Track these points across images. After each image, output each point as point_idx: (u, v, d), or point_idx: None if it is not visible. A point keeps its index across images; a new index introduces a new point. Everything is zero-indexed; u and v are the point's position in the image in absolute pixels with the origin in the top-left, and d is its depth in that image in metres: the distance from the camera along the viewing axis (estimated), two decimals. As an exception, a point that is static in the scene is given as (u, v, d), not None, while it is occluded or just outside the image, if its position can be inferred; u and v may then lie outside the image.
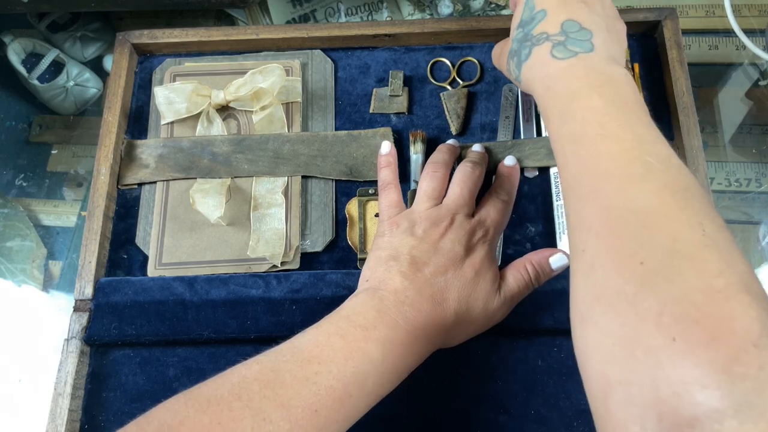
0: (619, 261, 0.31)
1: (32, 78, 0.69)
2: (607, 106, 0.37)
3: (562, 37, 0.42)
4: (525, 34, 0.44)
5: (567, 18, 0.42)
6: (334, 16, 0.71)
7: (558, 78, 0.41)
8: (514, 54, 0.45)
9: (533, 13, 0.44)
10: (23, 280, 0.64)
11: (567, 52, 0.41)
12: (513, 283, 0.46)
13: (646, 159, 0.34)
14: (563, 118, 0.39)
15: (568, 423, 0.47)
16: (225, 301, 0.50)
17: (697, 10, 0.69)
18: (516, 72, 0.45)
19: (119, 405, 0.49)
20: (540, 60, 0.42)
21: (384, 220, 0.48)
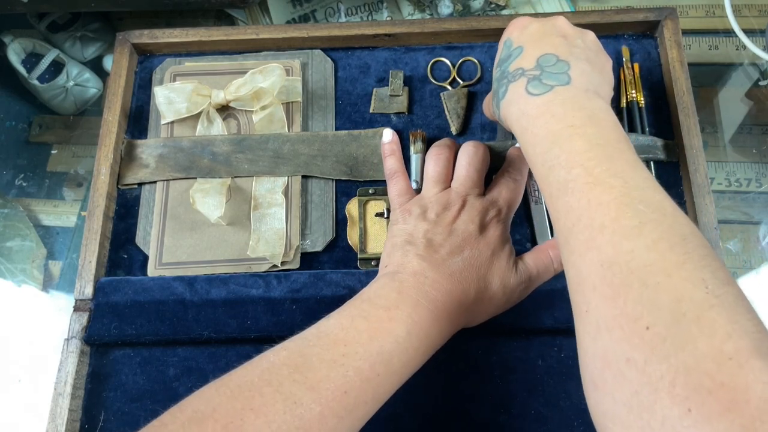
0: (624, 325, 0.30)
1: (32, 78, 0.69)
2: (592, 148, 0.36)
3: (537, 72, 0.41)
4: (502, 72, 0.44)
5: (543, 53, 0.42)
6: (334, 16, 0.71)
7: (535, 117, 0.39)
8: (495, 94, 0.45)
9: (510, 50, 0.44)
10: (23, 280, 0.64)
11: (542, 87, 0.40)
12: (531, 263, 0.46)
13: (638, 208, 0.33)
14: (547, 163, 0.37)
15: (568, 423, 0.47)
16: (225, 300, 0.50)
17: (697, 10, 0.69)
18: (497, 112, 0.44)
19: (119, 405, 0.49)
20: (516, 96, 0.41)
21: (396, 208, 0.49)
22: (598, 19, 0.58)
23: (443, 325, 0.41)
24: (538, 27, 0.44)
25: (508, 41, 0.45)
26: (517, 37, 0.44)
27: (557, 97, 0.39)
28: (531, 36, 0.44)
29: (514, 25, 0.46)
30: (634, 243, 0.32)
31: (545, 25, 0.45)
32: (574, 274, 0.35)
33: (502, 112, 0.43)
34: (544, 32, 0.44)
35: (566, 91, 0.39)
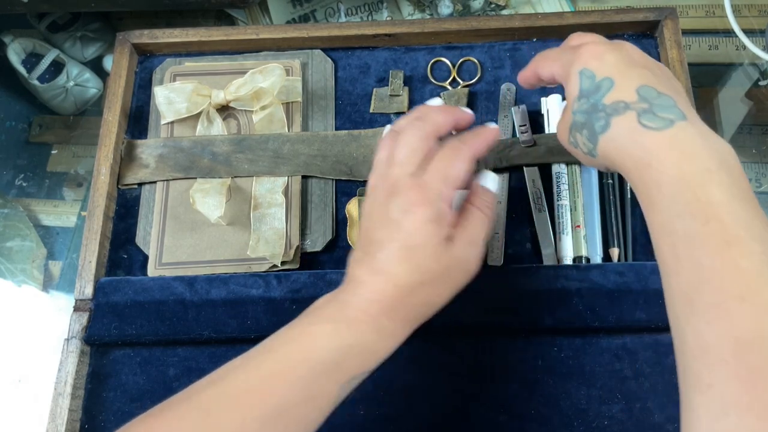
0: (761, 415, 0.28)
1: (32, 78, 0.69)
2: (730, 201, 0.33)
3: (645, 105, 0.37)
4: (593, 105, 0.39)
5: (640, 84, 0.38)
6: (334, 16, 0.71)
7: (662, 154, 0.35)
8: (582, 126, 0.40)
9: (596, 82, 0.39)
10: (23, 280, 0.64)
11: (660, 121, 0.36)
12: (468, 227, 0.41)
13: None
14: (674, 209, 0.34)
15: (568, 423, 0.47)
16: (225, 300, 0.50)
17: (697, 10, 0.69)
18: (589, 146, 0.40)
19: (119, 405, 0.49)
20: (626, 130, 0.37)
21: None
22: (598, 19, 0.58)
23: (379, 323, 0.38)
24: (617, 56, 0.40)
25: (586, 72, 0.40)
26: (597, 68, 0.40)
27: (683, 134, 0.35)
28: (614, 66, 0.40)
29: (588, 53, 0.41)
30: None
31: (622, 52, 0.40)
32: (694, 339, 0.32)
33: (602, 147, 0.39)
34: (627, 62, 0.40)
35: (690, 127, 0.36)
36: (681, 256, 0.33)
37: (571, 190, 0.53)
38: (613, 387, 0.47)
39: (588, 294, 0.48)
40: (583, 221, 0.52)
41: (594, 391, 0.47)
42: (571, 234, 0.52)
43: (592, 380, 0.48)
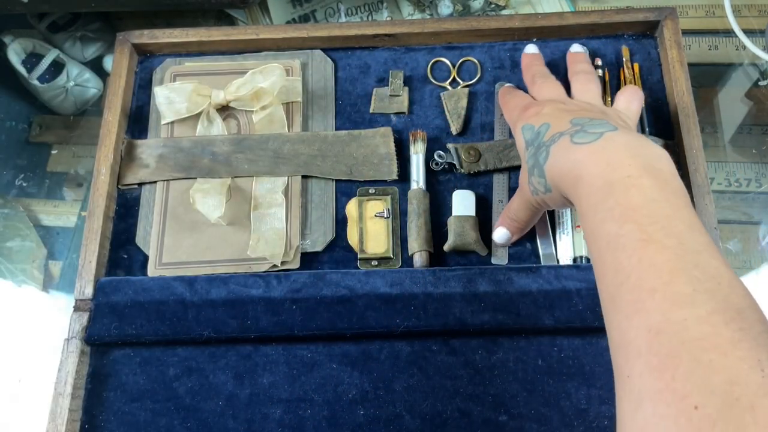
0: (671, 402, 0.28)
1: (32, 78, 0.69)
2: (648, 203, 0.34)
3: (578, 128, 0.40)
4: (537, 147, 0.43)
5: (573, 116, 0.42)
6: (334, 16, 0.71)
7: (588, 164, 0.37)
8: (533, 168, 0.43)
9: (535, 130, 0.44)
10: (23, 280, 0.64)
11: (590, 136, 0.38)
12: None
13: (693, 273, 0.31)
14: (599, 215, 0.36)
15: (568, 423, 0.47)
16: (225, 300, 0.50)
17: (697, 10, 0.69)
18: (541, 181, 0.42)
19: (119, 405, 0.49)
20: (562, 151, 0.40)
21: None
22: (598, 19, 0.58)
23: None
24: (552, 107, 0.45)
25: (527, 126, 0.45)
26: (536, 120, 0.45)
27: (609, 144, 0.37)
28: (549, 114, 0.44)
29: (527, 113, 0.46)
30: (686, 312, 0.30)
31: (559, 105, 0.45)
32: (618, 335, 0.33)
33: (548, 175, 0.41)
34: (561, 108, 0.44)
35: (617, 136, 0.38)
36: (605, 259, 0.35)
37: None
38: (613, 387, 0.47)
39: (588, 294, 0.48)
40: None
41: (594, 391, 0.47)
42: (572, 234, 0.52)
43: (592, 380, 0.48)
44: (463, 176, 0.55)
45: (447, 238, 0.52)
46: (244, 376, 0.49)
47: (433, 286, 0.49)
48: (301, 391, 0.49)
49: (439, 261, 0.53)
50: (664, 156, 0.37)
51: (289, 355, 0.50)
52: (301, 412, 0.48)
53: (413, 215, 0.52)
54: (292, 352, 0.50)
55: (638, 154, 0.37)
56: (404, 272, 0.50)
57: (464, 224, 0.52)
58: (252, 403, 0.48)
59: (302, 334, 0.49)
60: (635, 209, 0.34)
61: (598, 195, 0.36)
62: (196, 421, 0.48)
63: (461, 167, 0.54)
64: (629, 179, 0.35)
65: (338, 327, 0.49)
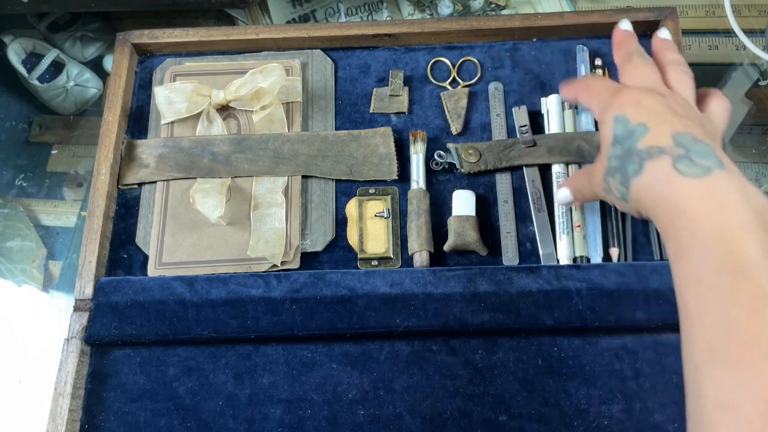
0: None
1: (32, 78, 0.69)
2: (764, 258, 0.32)
3: (681, 150, 0.36)
4: (626, 150, 0.39)
5: (675, 130, 0.37)
6: (334, 16, 0.71)
7: (696, 201, 0.35)
8: (616, 171, 0.40)
9: (629, 127, 0.39)
10: (23, 280, 0.64)
11: (696, 168, 0.35)
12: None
13: None
14: (707, 260, 0.33)
15: (568, 423, 0.47)
16: (225, 300, 0.50)
17: (697, 10, 0.69)
18: (622, 190, 0.40)
19: (119, 405, 0.49)
20: (660, 174, 0.36)
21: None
22: (598, 19, 0.58)
23: None
24: (654, 102, 0.40)
25: (621, 118, 0.40)
26: (632, 114, 0.40)
27: (720, 184, 0.35)
28: (650, 112, 0.39)
29: (625, 98, 0.41)
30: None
31: (659, 99, 0.40)
32: (716, 392, 0.31)
33: (635, 191, 0.39)
34: (664, 108, 0.39)
35: (727, 177, 0.35)
36: (708, 307, 0.33)
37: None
38: (613, 387, 0.47)
39: (588, 294, 0.48)
40: (583, 221, 0.52)
41: (594, 391, 0.47)
42: (572, 234, 0.52)
43: (592, 380, 0.48)
44: (463, 176, 0.55)
45: (447, 238, 0.52)
46: (244, 376, 0.49)
47: (433, 286, 0.49)
48: (301, 391, 0.49)
49: (439, 261, 0.53)
50: (766, 202, 0.35)
51: (289, 355, 0.50)
52: (301, 412, 0.48)
53: (413, 215, 0.52)
54: (292, 352, 0.50)
55: (750, 200, 0.34)
56: (404, 272, 0.50)
57: (464, 224, 0.52)
58: (252, 403, 0.48)
59: (302, 334, 0.49)
60: (751, 263, 0.32)
61: (707, 238, 0.34)
62: (196, 421, 0.48)
63: (461, 167, 0.54)
64: (743, 228, 0.33)
65: (338, 327, 0.49)
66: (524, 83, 0.58)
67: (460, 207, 0.53)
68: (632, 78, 0.44)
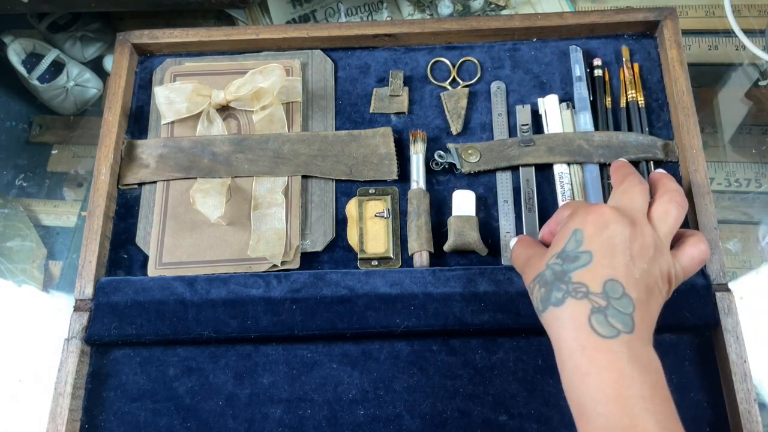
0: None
1: (32, 78, 0.69)
2: (660, 429, 0.36)
3: (603, 301, 0.39)
4: (563, 271, 0.40)
5: (610, 277, 0.39)
6: (334, 17, 0.71)
7: (600, 365, 0.38)
8: (544, 284, 0.41)
9: (578, 251, 0.41)
10: (23, 280, 0.64)
11: (608, 328, 0.38)
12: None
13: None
14: (609, 428, 0.36)
15: (568, 423, 0.47)
16: (225, 300, 0.50)
17: (697, 10, 0.69)
18: (540, 305, 0.42)
19: (119, 405, 0.49)
20: (574, 320, 0.39)
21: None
22: (598, 19, 0.58)
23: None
24: (619, 233, 0.40)
25: (578, 233, 0.41)
26: (589, 235, 0.41)
27: (623, 349, 0.37)
28: (606, 243, 0.40)
29: (595, 215, 0.41)
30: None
31: (626, 232, 0.41)
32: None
33: (548, 316, 0.41)
34: (623, 243, 0.40)
35: (631, 342, 0.38)
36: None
37: (574, 191, 0.53)
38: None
39: (588, 294, 0.48)
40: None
41: (594, 391, 0.47)
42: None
43: (592, 380, 0.48)
44: (463, 176, 0.55)
45: (447, 238, 0.52)
46: (244, 376, 0.49)
47: (433, 286, 0.49)
48: (301, 391, 0.49)
49: (439, 261, 0.53)
50: (659, 364, 0.39)
51: (289, 355, 0.50)
52: (301, 412, 0.48)
53: (413, 215, 0.52)
54: (292, 352, 0.50)
55: (648, 368, 0.37)
56: (404, 272, 0.50)
57: (464, 224, 0.52)
58: (252, 403, 0.48)
59: (302, 334, 0.49)
60: (637, 419, 0.35)
61: (609, 406, 0.36)
62: (196, 421, 0.48)
63: (461, 167, 0.54)
64: (642, 401, 0.36)
65: (338, 327, 0.49)
66: (524, 83, 0.58)
67: (460, 207, 0.53)
68: (618, 197, 0.44)
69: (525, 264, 0.45)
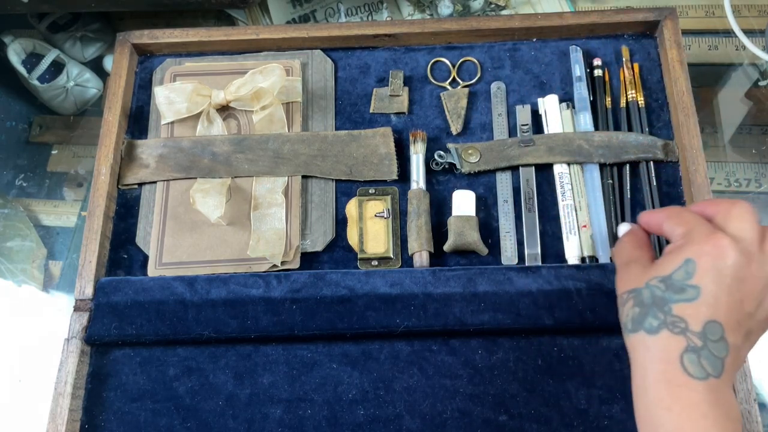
0: None
1: (32, 78, 0.69)
2: None
3: (700, 342, 0.37)
4: (663, 299, 0.38)
5: (713, 318, 0.37)
6: (334, 17, 0.71)
7: (680, 398, 0.37)
8: (640, 304, 0.40)
9: (686, 284, 0.38)
10: (23, 280, 0.64)
11: (698, 369, 0.37)
12: None
13: None
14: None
15: (568, 423, 0.47)
16: (225, 300, 0.50)
17: (697, 10, 0.69)
18: (629, 324, 0.40)
19: (119, 405, 0.49)
20: (665, 352, 0.38)
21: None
22: (598, 19, 0.58)
23: None
24: (733, 270, 0.38)
25: (690, 265, 0.38)
26: (703, 268, 0.38)
27: (710, 393, 0.37)
28: (718, 279, 0.38)
29: (714, 246, 0.38)
30: None
31: (740, 270, 0.38)
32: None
33: (635, 340, 0.39)
34: (734, 281, 0.38)
35: (718, 386, 0.37)
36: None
37: (574, 190, 0.53)
38: (613, 387, 0.47)
39: (588, 294, 0.48)
40: (590, 221, 0.52)
41: (594, 391, 0.47)
42: (578, 234, 0.52)
43: (592, 380, 0.48)
44: (463, 176, 0.55)
45: (447, 238, 0.52)
46: (244, 376, 0.49)
47: (433, 286, 0.49)
48: (301, 391, 0.49)
49: (439, 261, 0.53)
50: (740, 416, 0.38)
51: (289, 355, 0.50)
52: (301, 412, 0.48)
53: (413, 215, 0.52)
54: (292, 352, 0.50)
55: (729, 416, 0.37)
56: (404, 272, 0.50)
57: (464, 224, 0.52)
58: (252, 403, 0.48)
59: (302, 334, 0.49)
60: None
61: (681, 424, 0.36)
62: (196, 421, 0.48)
63: (461, 167, 0.54)
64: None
65: (338, 327, 0.49)
66: (524, 83, 0.58)
67: (460, 207, 0.53)
68: (732, 224, 0.39)
69: (625, 265, 0.43)
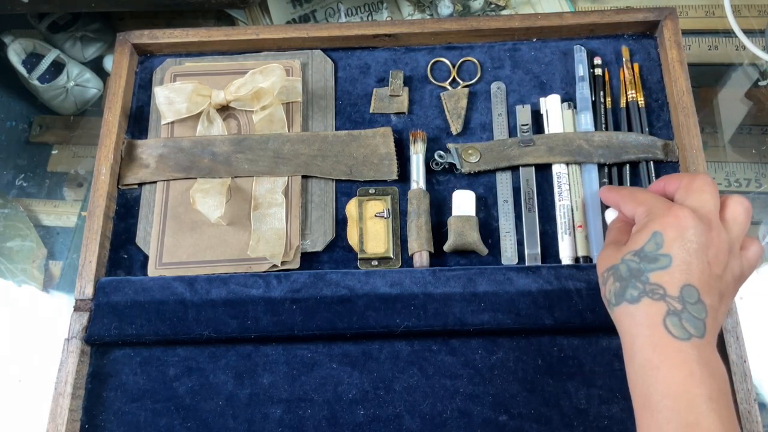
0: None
1: (32, 78, 0.69)
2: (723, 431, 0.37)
3: (679, 305, 0.39)
4: (639, 270, 0.41)
5: (688, 282, 0.40)
6: (334, 17, 0.71)
7: (671, 366, 0.38)
8: (619, 278, 0.42)
9: (657, 254, 0.41)
10: (23, 280, 0.64)
11: (681, 331, 0.39)
12: None
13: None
14: (673, 422, 0.37)
15: (568, 423, 0.47)
16: (225, 300, 0.50)
17: (697, 10, 0.69)
18: (612, 298, 0.42)
19: (119, 405, 0.49)
20: (649, 318, 0.40)
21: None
22: (598, 19, 0.58)
23: None
24: (697, 239, 0.40)
25: (658, 236, 0.41)
26: (670, 239, 0.40)
27: (695, 352, 0.38)
28: (686, 247, 0.40)
29: (676, 218, 0.41)
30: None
31: (704, 238, 0.40)
32: None
33: (620, 312, 0.41)
34: (701, 249, 0.40)
35: (702, 346, 0.39)
36: (662, 425, 0.37)
37: (572, 191, 0.53)
38: (613, 387, 0.47)
39: (588, 294, 0.48)
40: (585, 221, 0.52)
41: (594, 391, 0.47)
42: (573, 234, 0.52)
43: (592, 380, 0.48)
44: (463, 176, 0.55)
45: (447, 238, 0.52)
46: (244, 376, 0.49)
47: (433, 286, 0.49)
48: (301, 391, 0.49)
49: (439, 261, 0.53)
50: (726, 375, 0.39)
51: (289, 355, 0.50)
52: (301, 412, 0.48)
53: (413, 215, 0.52)
54: (292, 352, 0.50)
55: (715, 373, 0.38)
56: (404, 272, 0.50)
57: (464, 224, 0.52)
58: (252, 403, 0.49)
59: (302, 334, 0.49)
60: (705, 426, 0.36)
61: (676, 402, 0.37)
62: (196, 421, 0.48)
63: (461, 167, 0.54)
64: (710, 402, 0.37)
65: (338, 327, 0.49)
66: (524, 83, 0.58)
67: (460, 207, 0.53)
68: (692, 196, 0.43)
69: (605, 248, 0.45)
